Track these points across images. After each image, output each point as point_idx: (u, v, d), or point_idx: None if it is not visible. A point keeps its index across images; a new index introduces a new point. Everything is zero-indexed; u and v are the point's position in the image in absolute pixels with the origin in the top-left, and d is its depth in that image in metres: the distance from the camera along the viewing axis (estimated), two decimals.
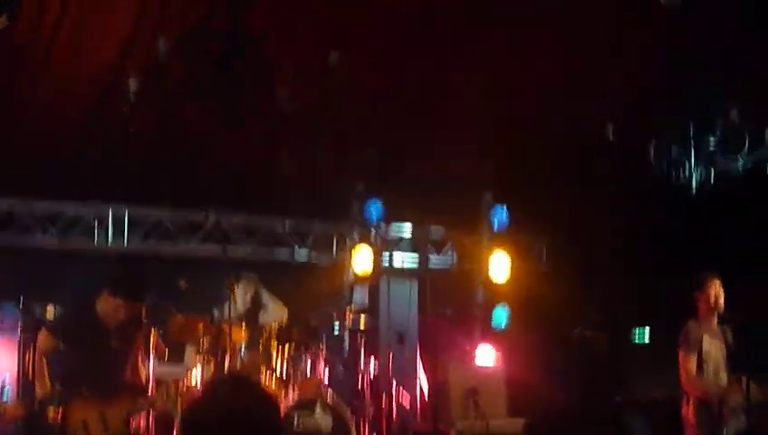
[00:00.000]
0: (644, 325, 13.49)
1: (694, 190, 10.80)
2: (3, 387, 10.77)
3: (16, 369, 10.59)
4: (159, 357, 9.35)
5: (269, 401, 4.03)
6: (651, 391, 12.06)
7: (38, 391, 8.93)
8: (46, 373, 8.88)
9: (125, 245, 12.13)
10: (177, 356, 10.20)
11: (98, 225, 12.06)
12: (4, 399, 10.61)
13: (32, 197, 11.78)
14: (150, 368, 9.08)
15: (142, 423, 8.97)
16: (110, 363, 8.92)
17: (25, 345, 10.36)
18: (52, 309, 10.35)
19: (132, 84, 9.82)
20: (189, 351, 10.25)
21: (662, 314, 12.12)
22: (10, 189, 11.59)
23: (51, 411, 8.52)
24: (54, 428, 8.56)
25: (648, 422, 10.36)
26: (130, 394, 9.02)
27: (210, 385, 5.55)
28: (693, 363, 9.75)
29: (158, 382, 9.36)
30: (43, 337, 9.17)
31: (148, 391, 9.06)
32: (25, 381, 10.30)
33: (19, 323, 10.58)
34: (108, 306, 8.72)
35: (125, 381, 9.15)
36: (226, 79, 9.65)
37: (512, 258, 13.00)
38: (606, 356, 13.08)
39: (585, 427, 5.95)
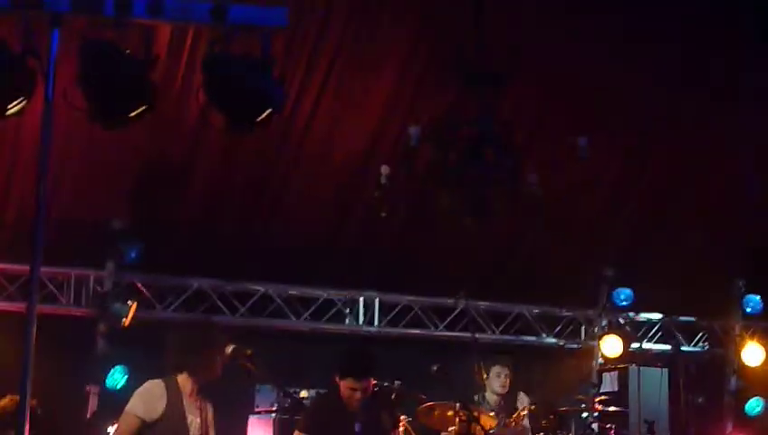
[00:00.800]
0: None
1: None
2: None
3: None
4: None
5: None
6: None
7: None
8: None
9: (375, 329, 12.37)
10: None
11: (348, 310, 12.36)
12: None
13: (286, 282, 12.10)
14: None
15: None
16: None
17: (282, 427, 10.56)
18: (307, 392, 10.54)
19: (384, 171, 10.01)
20: None
21: None
22: (266, 275, 11.95)
23: None
24: None
25: None
26: None
27: None
28: None
29: None
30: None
31: None
32: None
33: (275, 405, 10.80)
34: (345, 389, 8.72)
35: None
36: (475, 166, 9.71)
37: (765, 346, 12.65)
38: None
39: None
